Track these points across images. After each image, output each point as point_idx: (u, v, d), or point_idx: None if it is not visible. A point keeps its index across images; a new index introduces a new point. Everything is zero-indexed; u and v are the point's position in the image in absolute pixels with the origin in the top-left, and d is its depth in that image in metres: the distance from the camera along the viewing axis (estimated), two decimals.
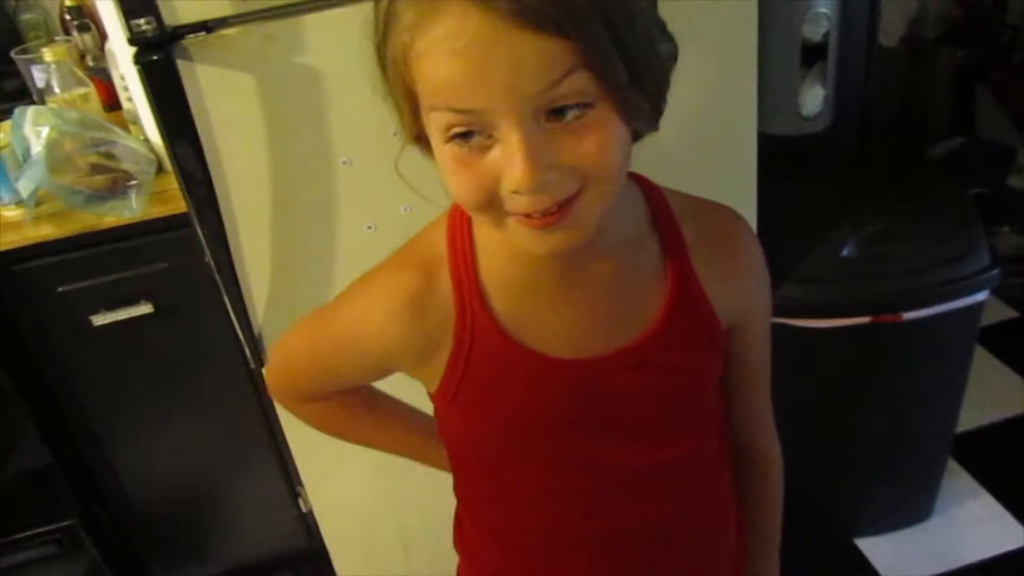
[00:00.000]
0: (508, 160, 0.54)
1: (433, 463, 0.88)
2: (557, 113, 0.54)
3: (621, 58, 0.54)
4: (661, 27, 0.60)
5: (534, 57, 0.51)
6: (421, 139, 0.61)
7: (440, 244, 0.70)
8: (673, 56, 0.61)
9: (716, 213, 0.75)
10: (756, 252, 0.75)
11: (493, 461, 0.76)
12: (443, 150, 0.57)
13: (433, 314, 0.69)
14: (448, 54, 0.52)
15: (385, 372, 0.77)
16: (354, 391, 0.85)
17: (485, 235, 0.69)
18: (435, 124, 0.57)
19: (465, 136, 0.55)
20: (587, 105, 0.54)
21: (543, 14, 0.50)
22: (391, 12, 0.55)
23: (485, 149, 0.56)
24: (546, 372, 0.69)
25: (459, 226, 0.70)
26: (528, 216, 0.57)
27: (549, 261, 0.66)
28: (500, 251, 0.68)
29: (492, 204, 0.58)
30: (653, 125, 0.62)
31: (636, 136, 0.61)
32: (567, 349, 0.69)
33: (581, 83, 0.53)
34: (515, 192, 0.55)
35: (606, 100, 0.55)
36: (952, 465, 1.82)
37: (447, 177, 0.59)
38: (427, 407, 0.81)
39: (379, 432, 0.90)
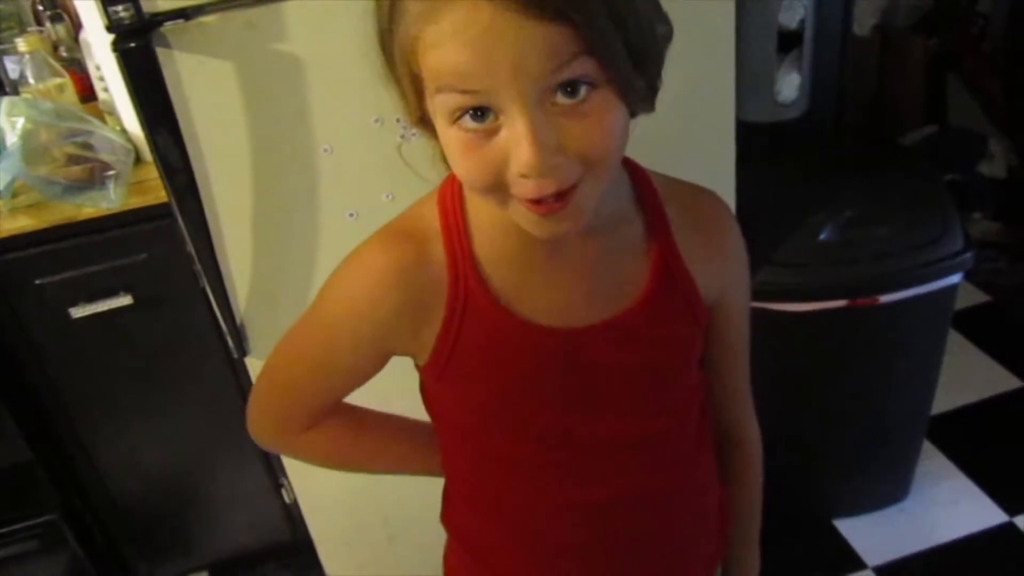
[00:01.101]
0: (515, 143, 0.55)
1: (428, 470, 0.88)
2: (564, 93, 0.55)
3: (623, 42, 0.55)
4: (657, 8, 0.61)
5: (540, 43, 0.53)
6: (425, 122, 0.62)
7: (431, 218, 0.71)
8: (668, 37, 0.62)
9: (699, 196, 0.77)
10: (736, 235, 0.78)
11: (479, 432, 0.77)
12: (449, 133, 0.58)
13: (425, 284, 0.69)
14: (457, 43, 0.53)
15: (380, 359, 0.75)
16: (343, 412, 0.83)
17: (477, 210, 0.70)
18: (441, 107, 0.57)
19: (473, 117, 0.56)
20: (591, 86, 0.56)
21: (549, 3, 0.52)
22: (397, 2, 0.56)
23: (491, 133, 0.57)
24: (535, 341, 0.70)
25: (451, 201, 0.70)
26: (532, 202, 0.58)
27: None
28: (493, 225, 0.69)
29: (498, 187, 0.59)
30: (650, 105, 0.63)
31: (631, 115, 0.62)
32: (556, 320, 0.70)
33: (585, 68, 0.55)
34: (522, 175, 0.56)
35: (608, 83, 0.56)
36: (927, 447, 1.85)
37: (454, 161, 0.59)
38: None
39: (376, 449, 0.89)
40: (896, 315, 1.50)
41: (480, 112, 0.56)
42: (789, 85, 1.48)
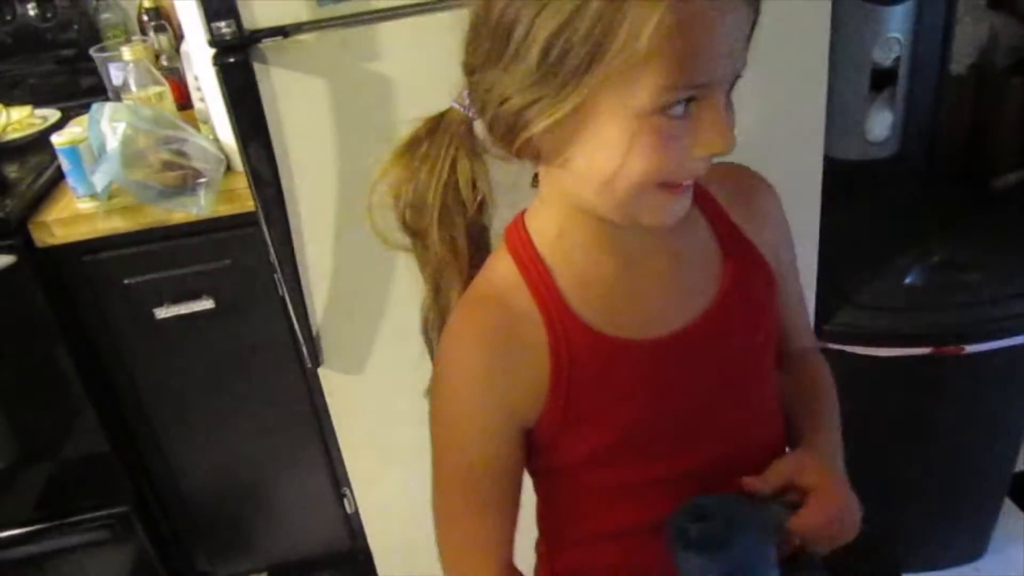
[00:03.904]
0: (712, 127, 0.58)
1: None
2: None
3: None
4: None
5: (745, 26, 0.58)
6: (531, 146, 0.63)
7: (507, 272, 0.71)
8: None
9: (730, 170, 0.77)
10: (775, 197, 0.80)
11: (604, 468, 0.74)
12: (643, 126, 0.58)
13: (520, 336, 0.68)
14: (704, 26, 0.55)
15: (515, 435, 0.72)
16: None
17: (553, 248, 0.70)
18: (650, 103, 0.57)
19: (684, 106, 0.58)
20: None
21: None
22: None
23: (686, 119, 0.58)
24: (648, 356, 0.70)
25: (521, 249, 0.71)
26: (676, 185, 0.62)
27: (623, 250, 0.69)
28: (568, 257, 0.69)
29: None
30: None
31: None
32: (658, 329, 0.70)
33: (746, 56, 0.59)
34: (713, 155, 0.59)
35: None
36: (1008, 505, 1.77)
37: (641, 154, 0.59)
38: None
39: None
40: (983, 366, 1.44)
41: (689, 102, 0.58)
42: (881, 123, 1.44)
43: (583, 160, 0.62)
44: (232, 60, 1.06)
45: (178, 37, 1.69)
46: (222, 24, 1.04)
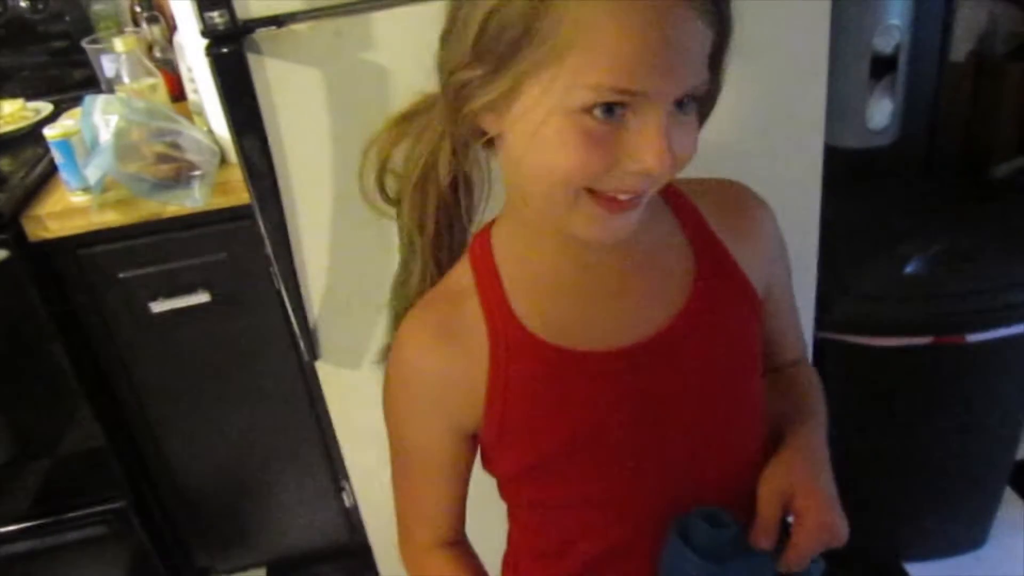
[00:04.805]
0: (644, 141, 0.56)
1: None
2: (680, 103, 0.57)
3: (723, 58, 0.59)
4: None
5: (698, 44, 0.55)
6: (488, 116, 0.62)
7: (464, 275, 0.71)
8: None
9: (723, 185, 0.77)
10: (769, 215, 0.77)
11: (549, 482, 0.73)
12: (569, 121, 0.56)
13: (466, 341, 0.69)
14: (632, 29, 0.53)
15: (455, 437, 0.74)
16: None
17: (509, 253, 0.70)
18: (572, 99, 0.56)
19: (606, 111, 0.56)
20: (695, 99, 0.58)
21: (711, 2, 0.54)
22: None
23: (619, 126, 0.56)
24: (595, 368, 0.69)
25: (480, 254, 0.71)
26: (611, 199, 0.59)
27: (580, 256, 0.68)
28: (528, 264, 0.69)
29: (590, 183, 0.59)
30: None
31: None
32: (616, 340, 0.69)
33: (705, 77, 0.57)
34: (642, 173, 0.57)
35: (700, 96, 0.58)
36: (1009, 494, 1.77)
37: (563, 150, 0.57)
38: None
39: None
40: (984, 355, 1.43)
41: (615, 107, 0.56)
42: (881, 111, 1.43)
43: (515, 146, 0.61)
44: (225, 51, 1.04)
45: (171, 28, 1.68)
46: (215, 14, 1.02)
